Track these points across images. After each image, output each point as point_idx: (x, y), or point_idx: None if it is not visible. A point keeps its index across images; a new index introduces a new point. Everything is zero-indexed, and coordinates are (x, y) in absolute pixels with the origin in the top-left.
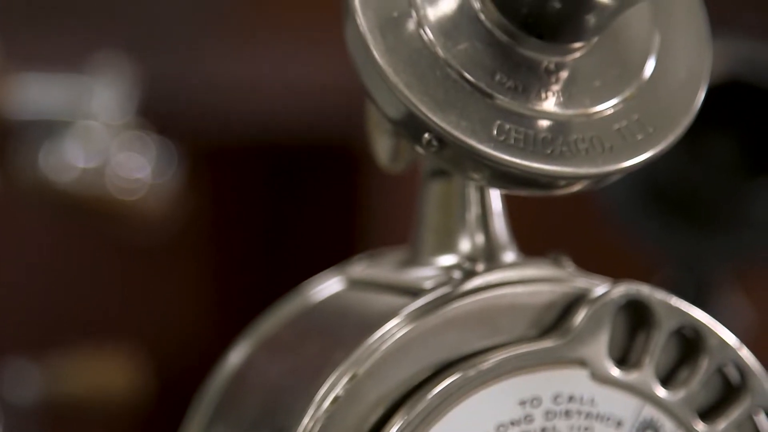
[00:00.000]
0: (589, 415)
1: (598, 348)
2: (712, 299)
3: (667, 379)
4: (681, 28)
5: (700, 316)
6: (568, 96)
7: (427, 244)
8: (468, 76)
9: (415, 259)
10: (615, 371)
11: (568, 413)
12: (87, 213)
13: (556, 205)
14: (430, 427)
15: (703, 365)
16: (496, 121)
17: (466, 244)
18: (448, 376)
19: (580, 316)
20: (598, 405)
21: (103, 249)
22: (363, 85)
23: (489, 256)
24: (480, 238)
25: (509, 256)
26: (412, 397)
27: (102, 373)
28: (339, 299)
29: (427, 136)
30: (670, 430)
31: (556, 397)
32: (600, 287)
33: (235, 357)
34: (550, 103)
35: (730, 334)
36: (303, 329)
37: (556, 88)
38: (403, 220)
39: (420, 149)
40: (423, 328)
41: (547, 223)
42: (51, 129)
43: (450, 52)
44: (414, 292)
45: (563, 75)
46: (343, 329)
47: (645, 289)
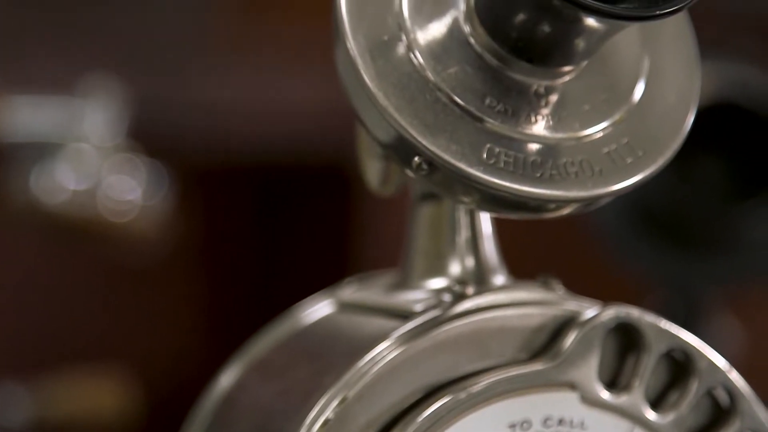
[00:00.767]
0: None
1: (588, 371)
2: (702, 321)
3: (656, 402)
4: (670, 51)
5: (690, 338)
6: (557, 119)
7: (417, 267)
8: (458, 100)
9: (405, 282)
10: (605, 394)
11: None
12: (78, 235)
13: (546, 228)
14: None
15: (693, 388)
16: (486, 144)
17: (456, 267)
18: (438, 399)
19: (570, 339)
20: (588, 428)
21: (94, 271)
22: (353, 109)
23: (479, 279)
24: (470, 261)
25: (499, 279)
26: (402, 420)
27: (93, 396)
28: (329, 322)
29: (417, 159)
30: None
31: (546, 420)
32: (590, 310)
33: (226, 379)
34: (539, 126)
35: (720, 356)
36: (293, 352)
37: (545, 111)
38: (397, 242)
39: (410, 173)
40: (413, 351)
41: (537, 246)
42: (42, 151)
43: (440, 75)
44: (404, 315)
45: (553, 98)
46: (334, 352)
47: (635, 312)
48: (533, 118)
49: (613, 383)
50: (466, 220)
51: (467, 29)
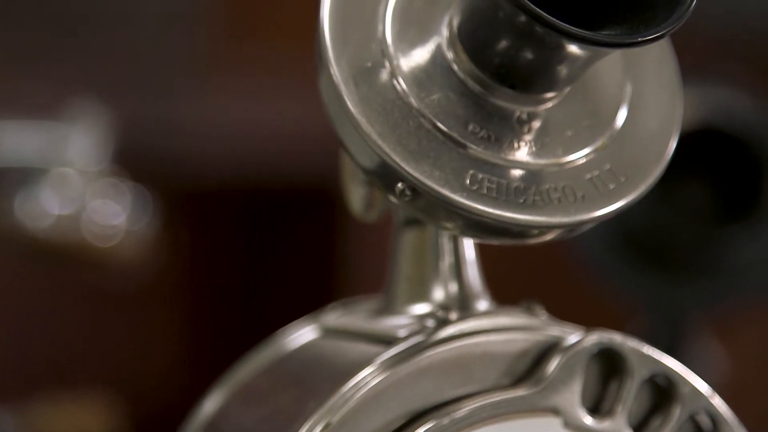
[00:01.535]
0: None
1: (571, 396)
2: (685, 346)
3: (639, 428)
4: (652, 78)
5: (673, 364)
6: (540, 146)
7: (401, 292)
8: (441, 126)
9: (389, 307)
10: (588, 419)
11: None
12: (62, 260)
13: (530, 254)
14: None
15: (676, 413)
16: (469, 170)
17: (439, 293)
18: (421, 424)
19: (553, 365)
20: None
21: (79, 295)
22: (336, 135)
23: (462, 305)
24: (453, 287)
25: (482, 304)
26: None
27: (76, 420)
28: (313, 348)
29: (400, 185)
30: None
31: None
32: (573, 335)
33: (210, 405)
34: (522, 152)
35: (703, 382)
36: (277, 377)
37: (528, 137)
38: (381, 266)
39: (393, 198)
40: (397, 377)
41: (520, 271)
42: (26, 176)
43: (423, 102)
44: (388, 340)
45: (536, 125)
46: (317, 378)
47: (617, 338)
48: (516, 144)
49: (596, 408)
50: (449, 245)
51: (450, 56)
